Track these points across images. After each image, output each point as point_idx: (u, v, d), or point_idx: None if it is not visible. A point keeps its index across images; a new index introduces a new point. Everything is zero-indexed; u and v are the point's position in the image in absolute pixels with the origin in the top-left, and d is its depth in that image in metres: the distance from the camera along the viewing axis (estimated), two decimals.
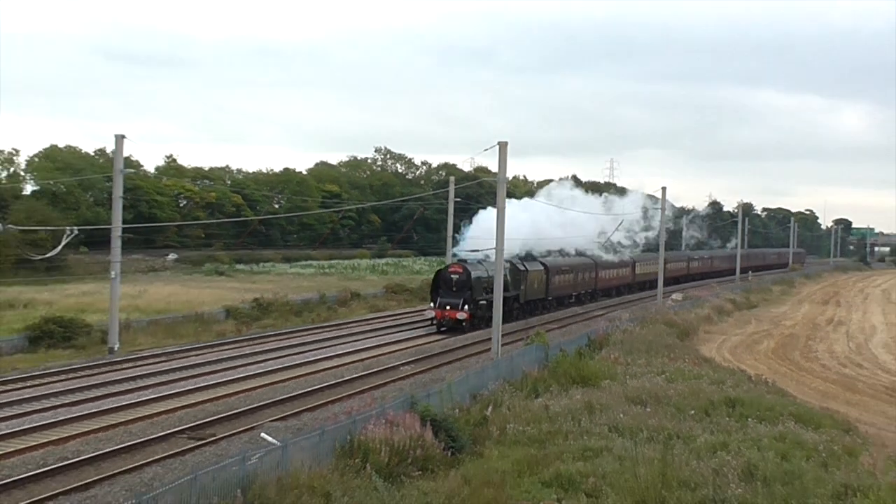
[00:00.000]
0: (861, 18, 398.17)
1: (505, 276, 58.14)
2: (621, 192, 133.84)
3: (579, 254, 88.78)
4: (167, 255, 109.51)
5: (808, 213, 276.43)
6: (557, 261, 79.11)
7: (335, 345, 53.98)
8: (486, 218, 67.99)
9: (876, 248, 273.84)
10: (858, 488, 19.00)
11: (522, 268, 68.40)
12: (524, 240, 69.48)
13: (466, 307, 58.77)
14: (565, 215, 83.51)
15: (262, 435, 28.94)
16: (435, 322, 60.51)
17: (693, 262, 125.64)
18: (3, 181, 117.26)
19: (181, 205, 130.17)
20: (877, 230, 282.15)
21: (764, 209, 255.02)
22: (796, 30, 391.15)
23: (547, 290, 74.58)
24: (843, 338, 66.56)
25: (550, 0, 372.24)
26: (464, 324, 59.23)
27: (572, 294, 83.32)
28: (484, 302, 59.97)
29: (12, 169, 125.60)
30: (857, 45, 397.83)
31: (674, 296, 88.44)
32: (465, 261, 63.25)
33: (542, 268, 73.42)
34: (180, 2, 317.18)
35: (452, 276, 60.72)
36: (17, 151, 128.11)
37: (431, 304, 61.41)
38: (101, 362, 45.26)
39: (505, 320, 57.14)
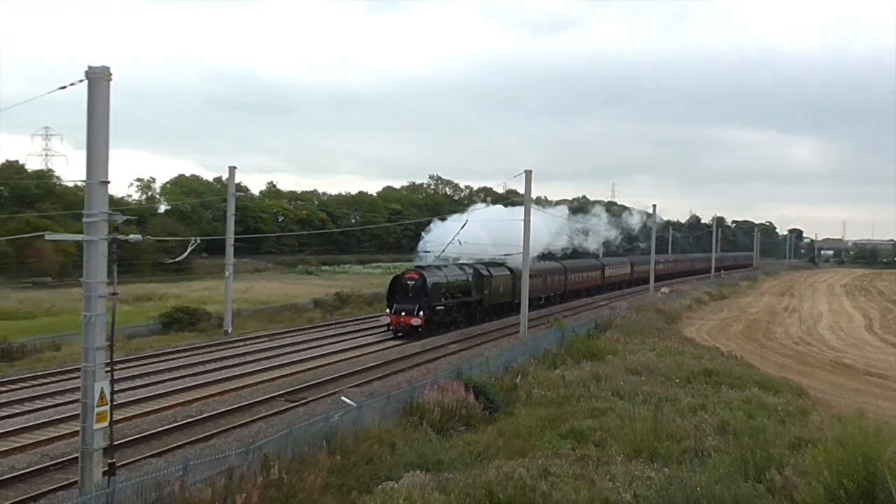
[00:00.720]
0: (809, 72, 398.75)
1: (466, 280, 54.94)
2: (622, 208, 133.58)
3: (547, 258, 78.31)
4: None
5: (768, 224, 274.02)
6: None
7: None
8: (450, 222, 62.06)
9: (822, 252, 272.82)
10: (809, 440, 18.82)
11: (486, 273, 57.70)
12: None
13: (421, 313, 48.34)
14: (573, 227, 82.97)
15: (342, 398, 28.99)
16: (391, 328, 49.52)
17: (658, 265, 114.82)
18: (143, 202, 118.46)
19: (279, 220, 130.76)
20: (822, 237, 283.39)
21: (733, 221, 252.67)
22: (758, 81, 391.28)
23: (514, 293, 60.54)
24: (796, 322, 66.08)
25: (567, 60, 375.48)
26: (419, 329, 48.56)
27: (541, 297, 69.67)
28: (441, 307, 51.30)
29: (150, 193, 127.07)
30: (806, 93, 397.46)
31: (662, 289, 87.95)
32: (422, 267, 52.91)
33: (508, 272, 61.40)
34: (280, 62, 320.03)
35: (408, 282, 49.88)
36: (153, 180, 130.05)
37: (388, 310, 50.20)
38: (217, 342, 45.51)
39: (468, 323, 54.82)
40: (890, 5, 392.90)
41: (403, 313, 48.67)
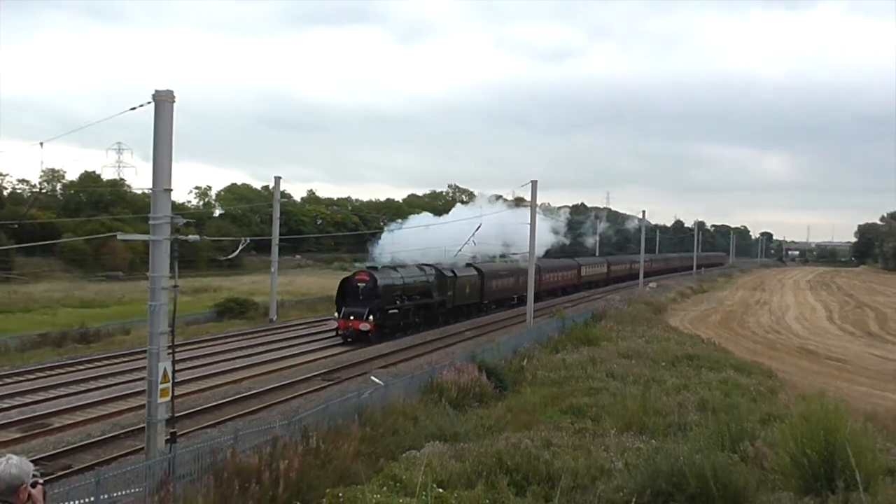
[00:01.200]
0: (780, 96, 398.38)
1: (426, 281, 47.13)
2: (615, 214, 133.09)
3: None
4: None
5: (742, 227, 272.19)
6: (494, 266, 58.79)
7: None
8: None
9: (789, 252, 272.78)
10: (777, 416, 18.71)
11: (451, 274, 49.80)
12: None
13: (371, 317, 40.13)
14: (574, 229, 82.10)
15: (372, 377, 29.02)
16: (339, 333, 41.14)
17: (634, 265, 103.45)
18: (201, 207, 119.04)
19: (318, 223, 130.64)
20: (789, 239, 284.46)
21: (712, 225, 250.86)
22: (736, 103, 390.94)
23: (482, 294, 55.05)
24: (766, 313, 65.89)
25: (570, 84, 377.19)
26: (369, 335, 40.30)
27: (513, 296, 60.65)
28: (395, 310, 42.97)
29: (206, 199, 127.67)
30: (777, 114, 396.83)
31: (650, 284, 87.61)
32: (374, 268, 44.59)
33: (475, 273, 54.32)
34: (320, 86, 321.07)
35: (359, 284, 41.51)
36: (209, 187, 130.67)
37: (336, 314, 42.33)
38: (264, 328, 45.68)
39: (429, 325, 47.01)
40: (848, 40, 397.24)
41: (352, 317, 40.66)
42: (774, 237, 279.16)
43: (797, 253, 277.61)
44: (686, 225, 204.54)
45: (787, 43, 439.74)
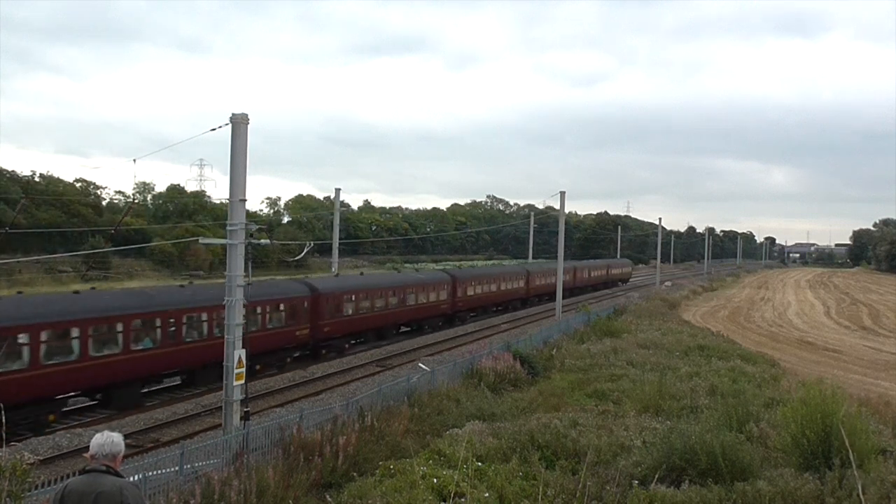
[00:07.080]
0: (786, 115, 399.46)
1: None
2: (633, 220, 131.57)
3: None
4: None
5: (748, 233, 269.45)
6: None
7: None
8: None
9: (790, 254, 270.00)
10: (780, 400, 18.40)
11: None
12: None
13: None
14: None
15: (419, 364, 29.08)
16: None
17: (598, 270, 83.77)
18: (271, 215, 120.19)
19: (373, 229, 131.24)
20: (791, 243, 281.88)
21: (721, 231, 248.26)
22: (746, 122, 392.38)
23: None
24: (770, 309, 65.10)
25: (598, 106, 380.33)
26: None
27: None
28: None
29: (276, 208, 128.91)
30: (783, 132, 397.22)
31: (666, 283, 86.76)
32: None
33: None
34: (377, 109, 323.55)
35: None
36: (279, 198, 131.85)
37: None
38: None
39: None
40: (852, 64, 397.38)
41: None
42: (777, 241, 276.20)
43: (798, 255, 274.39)
44: (699, 230, 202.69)
45: (796, 67, 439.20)
